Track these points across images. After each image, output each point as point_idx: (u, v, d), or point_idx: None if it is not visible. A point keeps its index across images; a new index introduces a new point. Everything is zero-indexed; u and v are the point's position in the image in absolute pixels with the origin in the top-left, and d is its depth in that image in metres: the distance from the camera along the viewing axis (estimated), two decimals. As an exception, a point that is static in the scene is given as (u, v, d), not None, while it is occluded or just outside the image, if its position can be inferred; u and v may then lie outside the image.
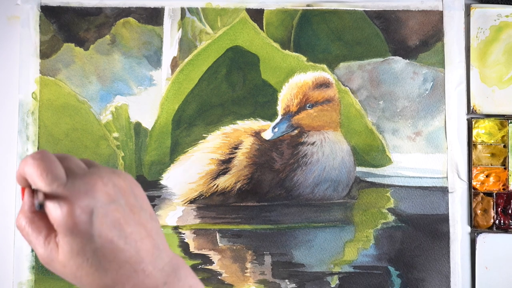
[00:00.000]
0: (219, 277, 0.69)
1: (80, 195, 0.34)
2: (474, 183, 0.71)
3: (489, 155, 0.72)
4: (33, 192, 0.36)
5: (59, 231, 0.34)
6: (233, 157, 0.71)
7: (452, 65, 0.72)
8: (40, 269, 0.68)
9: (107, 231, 0.34)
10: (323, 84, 0.71)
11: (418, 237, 0.70)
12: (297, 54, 0.72)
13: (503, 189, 0.71)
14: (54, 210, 0.34)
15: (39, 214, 0.36)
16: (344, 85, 0.72)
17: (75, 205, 0.34)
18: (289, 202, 0.70)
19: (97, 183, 0.35)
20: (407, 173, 0.71)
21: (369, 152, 0.71)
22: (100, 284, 0.35)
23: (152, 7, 0.72)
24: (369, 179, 0.71)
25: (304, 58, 0.72)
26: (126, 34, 0.72)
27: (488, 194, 0.71)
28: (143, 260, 0.35)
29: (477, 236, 0.70)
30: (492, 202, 0.71)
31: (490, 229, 0.70)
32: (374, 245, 0.70)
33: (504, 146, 0.72)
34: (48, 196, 0.34)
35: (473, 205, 0.71)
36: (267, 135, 0.71)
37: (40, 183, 0.34)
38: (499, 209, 0.71)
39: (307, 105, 0.71)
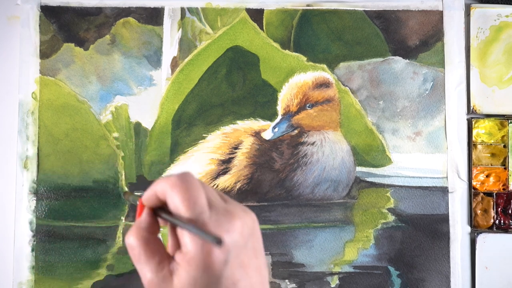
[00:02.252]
0: (219, 277, 0.69)
1: (222, 232, 0.32)
2: (474, 183, 0.71)
3: (489, 155, 0.72)
4: (154, 212, 0.34)
5: (187, 262, 0.32)
6: (233, 157, 0.71)
7: (452, 65, 0.72)
8: (40, 269, 0.68)
9: (235, 273, 0.33)
10: (323, 84, 0.71)
11: (418, 237, 0.70)
12: (297, 54, 0.72)
13: (503, 189, 0.71)
14: (192, 242, 0.32)
15: (154, 236, 0.34)
16: (344, 85, 0.72)
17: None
18: (289, 202, 0.70)
19: (237, 222, 0.33)
20: (407, 173, 0.71)
21: (369, 152, 0.71)
22: None
23: (152, 7, 0.72)
24: (369, 179, 0.71)
25: (304, 58, 0.72)
26: (126, 34, 0.72)
27: (488, 194, 0.71)
28: None
29: (477, 236, 0.70)
30: (492, 202, 0.71)
31: (490, 229, 0.70)
32: (374, 245, 0.70)
33: (504, 146, 0.72)
34: (179, 220, 0.32)
35: (473, 205, 0.71)
36: (267, 135, 0.71)
37: (183, 209, 0.32)
38: (499, 209, 0.71)
39: (307, 105, 0.71)
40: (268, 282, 0.36)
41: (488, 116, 0.72)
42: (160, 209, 0.35)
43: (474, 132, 0.71)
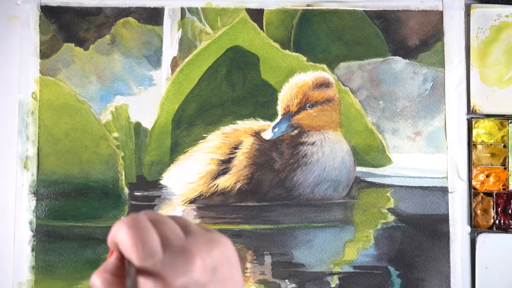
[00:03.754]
0: (219, 277, 0.69)
1: (177, 274, 0.30)
2: (474, 183, 0.71)
3: (489, 155, 0.72)
4: (122, 257, 0.33)
5: None
6: (233, 157, 0.71)
7: (452, 65, 0.72)
8: (40, 269, 0.68)
9: None
10: (323, 84, 0.71)
11: (418, 237, 0.70)
12: (297, 54, 0.72)
13: (503, 189, 0.71)
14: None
15: (118, 278, 0.33)
16: (344, 85, 0.72)
17: (171, 286, 0.30)
18: (289, 202, 0.70)
19: (196, 260, 0.31)
20: (407, 173, 0.71)
21: (369, 152, 0.71)
22: None
23: (152, 7, 0.72)
24: (369, 179, 0.71)
25: (304, 58, 0.72)
26: (126, 34, 0.72)
27: (488, 194, 0.71)
28: None
29: (477, 236, 0.70)
30: (492, 202, 0.71)
31: (490, 229, 0.70)
32: (374, 245, 0.70)
33: (504, 146, 0.72)
34: (140, 271, 0.31)
35: (473, 205, 0.71)
36: (267, 135, 0.71)
37: (133, 256, 0.31)
38: (499, 209, 0.71)
39: (307, 105, 0.71)
40: None
41: (488, 116, 0.72)
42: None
43: (474, 132, 0.71)
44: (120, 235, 0.31)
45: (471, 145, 0.71)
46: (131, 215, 0.32)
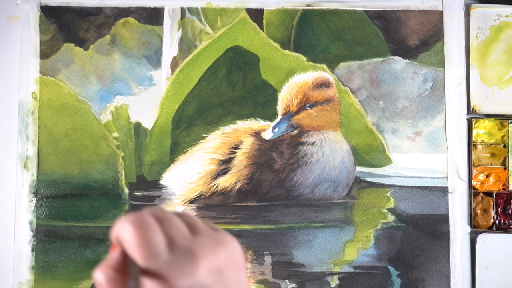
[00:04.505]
0: (219, 277, 0.69)
1: (182, 276, 0.30)
2: (474, 183, 0.71)
3: (489, 155, 0.72)
4: (125, 253, 0.32)
5: None
6: (233, 157, 0.71)
7: (452, 65, 0.72)
8: (40, 269, 0.68)
9: None
10: (323, 84, 0.71)
11: (418, 237, 0.70)
12: (297, 54, 0.72)
13: (503, 189, 0.71)
14: None
15: (121, 274, 0.32)
16: (344, 85, 0.72)
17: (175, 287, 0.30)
18: (289, 202, 0.70)
19: (201, 261, 0.31)
20: (407, 173, 0.71)
21: (369, 152, 0.71)
22: None
23: (152, 7, 0.72)
24: (369, 179, 0.71)
25: (304, 58, 0.72)
26: (126, 34, 0.72)
27: (488, 194, 0.71)
28: None
29: (477, 236, 0.70)
30: (492, 202, 0.71)
31: (490, 229, 0.70)
32: (374, 245, 0.70)
33: (504, 146, 0.72)
34: (144, 271, 0.30)
35: (473, 205, 0.71)
36: (267, 135, 0.71)
37: (137, 256, 0.30)
38: (499, 209, 0.71)
39: (307, 105, 0.71)
40: None
41: (488, 116, 0.72)
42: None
43: (474, 132, 0.71)
44: (125, 233, 0.31)
45: (471, 145, 0.71)
46: (136, 212, 0.32)
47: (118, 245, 0.32)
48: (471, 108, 0.71)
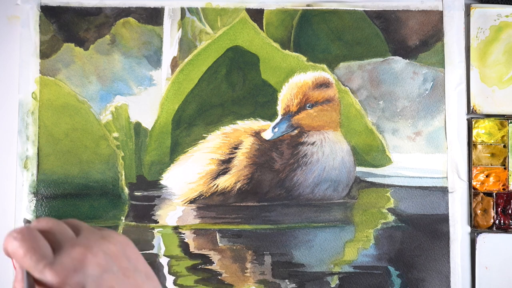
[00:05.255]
0: (219, 277, 0.69)
1: (69, 273, 0.32)
2: (474, 183, 0.71)
3: (489, 155, 0.72)
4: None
5: None
6: (233, 157, 0.71)
7: (452, 65, 0.72)
8: (40, 269, 0.68)
9: None
10: (323, 84, 0.71)
11: (418, 237, 0.70)
12: (297, 54, 0.72)
13: (503, 189, 0.71)
14: None
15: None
16: (344, 85, 0.72)
17: (65, 285, 0.32)
18: (289, 202, 0.70)
19: (86, 256, 0.33)
20: (407, 173, 0.71)
21: (369, 152, 0.71)
22: None
23: (152, 7, 0.72)
24: (369, 179, 0.71)
25: (304, 58, 0.72)
26: (126, 34, 0.72)
27: (488, 194, 0.71)
28: None
29: (477, 236, 0.70)
30: (492, 202, 0.71)
31: (490, 229, 0.70)
32: (374, 245, 0.70)
33: (504, 146, 0.72)
34: (38, 281, 0.32)
35: (473, 205, 0.71)
36: (267, 135, 0.71)
37: (26, 264, 0.32)
38: (499, 209, 0.71)
39: (307, 105, 0.71)
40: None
41: (488, 116, 0.72)
42: None
43: (474, 132, 0.71)
44: (11, 247, 0.33)
45: (471, 145, 0.71)
46: (18, 227, 0.34)
47: (12, 259, 0.34)
48: (471, 108, 0.71)
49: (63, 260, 0.33)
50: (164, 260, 0.69)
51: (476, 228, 0.70)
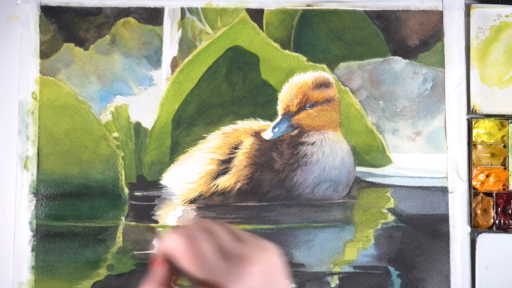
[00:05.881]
0: (219, 277, 0.69)
1: (234, 282, 0.32)
2: (474, 183, 0.71)
3: (489, 155, 0.72)
4: (171, 266, 0.34)
5: None
6: (233, 157, 0.71)
7: (452, 65, 0.72)
8: (40, 269, 0.68)
9: None
10: (323, 84, 0.71)
11: (418, 237, 0.70)
12: (297, 54, 0.72)
13: (503, 189, 0.71)
14: None
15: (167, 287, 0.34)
16: (344, 85, 0.72)
17: None
18: (289, 202, 0.70)
19: (254, 267, 0.32)
20: (407, 173, 0.71)
21: (369, 152, 0.71)
22: None
23: (152, 7, 0.72)
24: (369, 179, 0.71)
25: (304, 58, 0.72)
26: (126, 34, 0.72)
27: (488, 194, 0.71)
28: None
29: (477, 236, 0.70)
30: (492, 202, 0.71)
31: (490, 229, 0.70)
32: (374, 245, 0.70)
33: (504, 146, 0.72)
34: (197, 281, 0.32)
35: (473, 205, 0.71)
36: (267, 135, 0.71)
37: (191, 267, 0.32)
38: (499, 209, 0.71)
39: (307, 105, 0.71)
40: None
41: (488, 116, 0.72)
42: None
43: (474, 132, 0.71)
44: (176, 246, 0.32)
45: (471, 145, 0.71)
46: (183, 226, 0.33)
47: (165, 260, 0.34)
48: (471, 108, 0.71)
49: (230, 268, 0.32)
50: (164, 260, 0.69)
51: (476, 228, 0.70)
